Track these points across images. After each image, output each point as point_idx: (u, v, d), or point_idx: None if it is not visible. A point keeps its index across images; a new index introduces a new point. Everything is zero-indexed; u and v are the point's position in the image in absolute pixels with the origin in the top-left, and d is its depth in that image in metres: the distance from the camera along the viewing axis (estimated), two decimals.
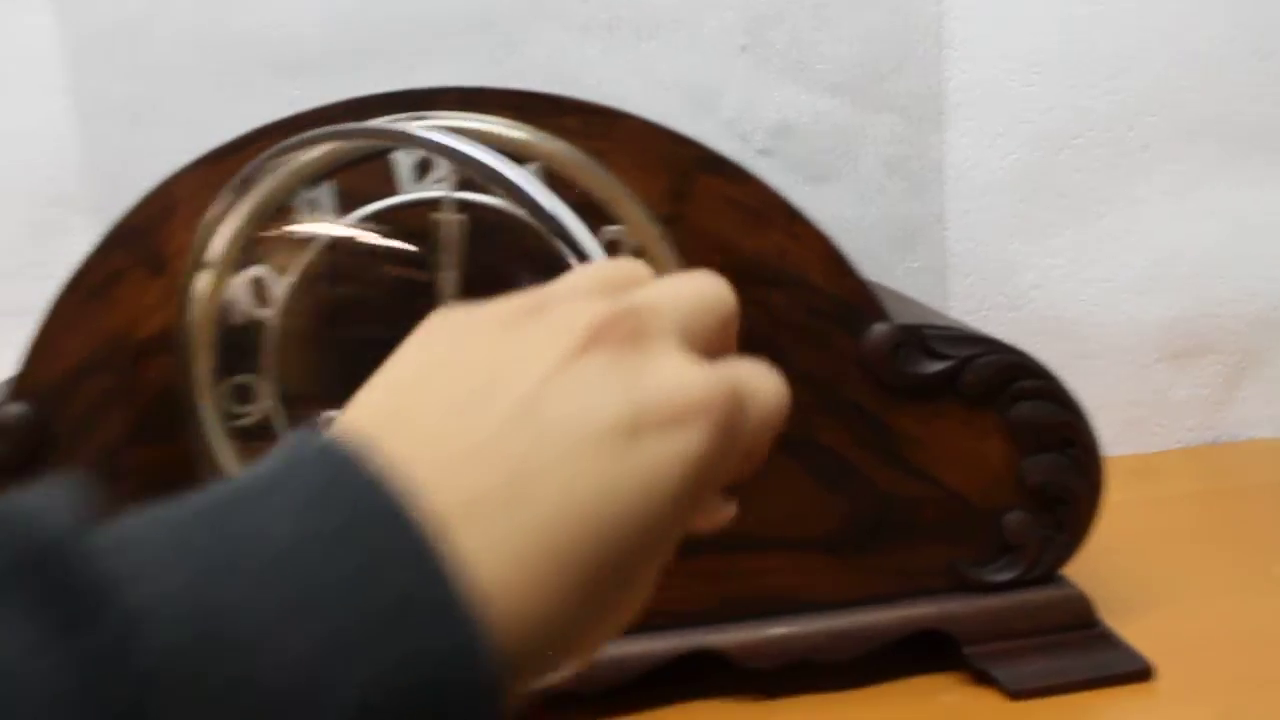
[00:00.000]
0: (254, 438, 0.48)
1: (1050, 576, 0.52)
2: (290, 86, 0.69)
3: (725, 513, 0.29)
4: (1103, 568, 0.54)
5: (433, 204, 0.47)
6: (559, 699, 0.49)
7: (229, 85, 0.69)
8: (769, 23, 0.69)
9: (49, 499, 0.19)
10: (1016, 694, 0.50)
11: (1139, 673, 0.51)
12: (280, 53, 0.69)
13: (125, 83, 0.68)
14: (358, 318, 0.48)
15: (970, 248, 0.74)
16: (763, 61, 0.69)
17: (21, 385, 0.48)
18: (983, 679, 0.51)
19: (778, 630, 0.51)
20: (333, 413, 0.48)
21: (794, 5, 0.69)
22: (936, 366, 0.50)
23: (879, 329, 0.50)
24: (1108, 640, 0.52)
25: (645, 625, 0.49)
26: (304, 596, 0.19)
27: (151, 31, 0.68)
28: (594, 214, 0.48)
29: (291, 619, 0.18)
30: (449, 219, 0.47)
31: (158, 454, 0.48)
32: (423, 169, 0.47)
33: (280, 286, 0.47)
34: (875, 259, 0.50)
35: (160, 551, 0.19)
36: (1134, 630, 0.53)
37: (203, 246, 0.47)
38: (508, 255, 0.48)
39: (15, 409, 0.47)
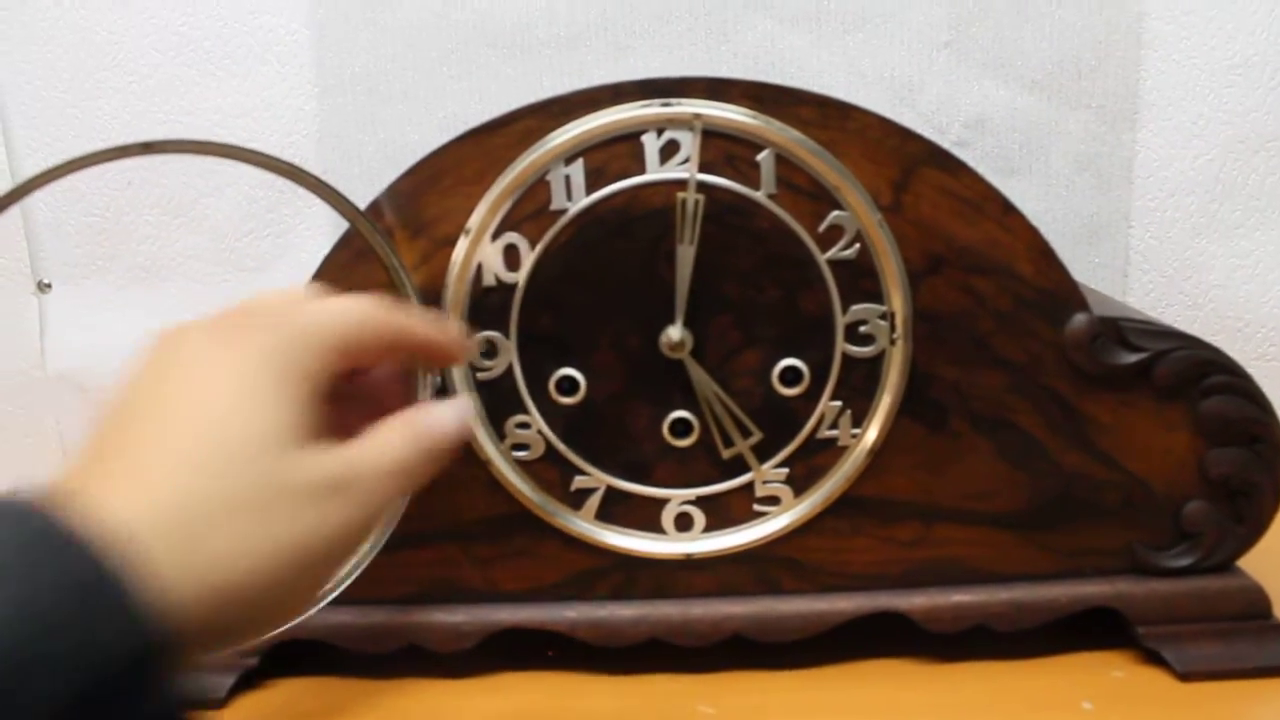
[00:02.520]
0: (494, 389, 0.53)
1: (1226, 566, 0.53)
2: (509, 66, 0.72)
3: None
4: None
5: (676, 184, 0.50)
6: (756, 646, 0.53)
7: (455, 64, 0.72)
8: (973, 19, 0.70)
9: None
10: (1185, 675, 0.51)
11: None
12: (503, 35, 0.72)
13: (362, 60, 0.73)
14: (599, 285, 0.52)
15: (1153, 246, 0.74)
16: (964, 56, 0.70)
17: None
18: (1153, 659, 0.53)
19: (959, 597, 0.53)
20: None
21: (998, 1, 0.70)
22: (1132, 358, 0.51)
23: (1080, 319, 0.51)
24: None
25: (836, 586, 0.53)
26: None
27: (389, 12, 0.72)
28: (822, 199, 0.51)
29: None
30: (689, 198, 0.50)
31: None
32: (667, 151, 0.50)
33: (530, 254, 0.52)
34: (1057, 253, 0.52)
35: None
36: None
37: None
38: (739, 235, 0.51)
39: None
